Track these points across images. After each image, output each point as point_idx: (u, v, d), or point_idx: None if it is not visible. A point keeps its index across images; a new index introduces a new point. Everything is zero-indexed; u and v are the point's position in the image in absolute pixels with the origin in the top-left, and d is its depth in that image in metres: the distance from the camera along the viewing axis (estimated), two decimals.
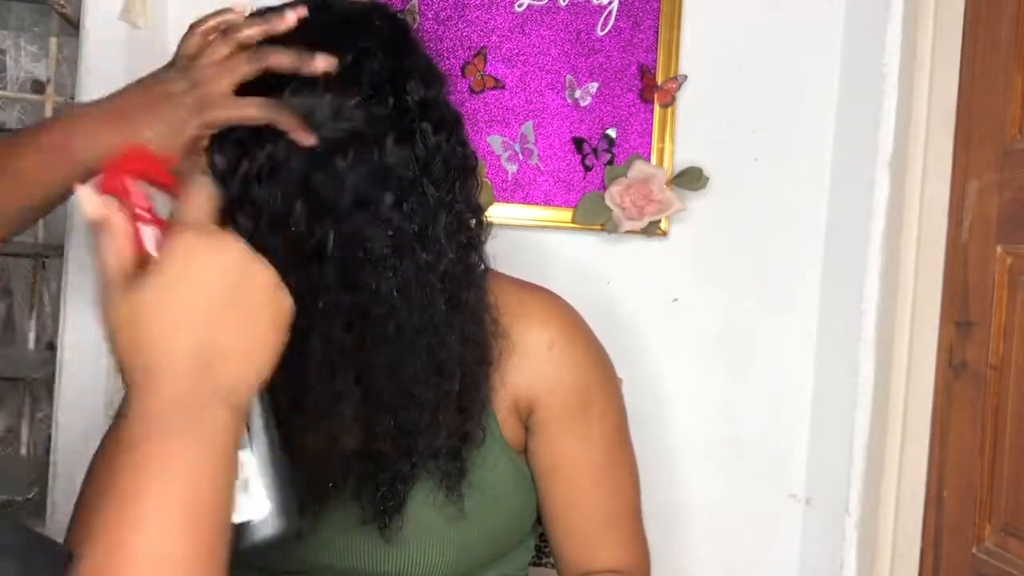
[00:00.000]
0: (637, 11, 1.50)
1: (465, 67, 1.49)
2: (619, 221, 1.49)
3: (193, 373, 0.59)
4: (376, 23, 0.85)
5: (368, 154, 0.80)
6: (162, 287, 0.59)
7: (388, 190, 0.81)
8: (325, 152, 0.79)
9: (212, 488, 0.58)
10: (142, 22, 1.39)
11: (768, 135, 1.53)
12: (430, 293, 0.83)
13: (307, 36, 0.81)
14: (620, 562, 0.96)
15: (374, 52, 0.82)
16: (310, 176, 0.79)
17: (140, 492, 0.56)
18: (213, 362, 0.59)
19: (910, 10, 1.36)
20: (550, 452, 0.95)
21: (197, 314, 0.59)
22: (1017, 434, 1.20)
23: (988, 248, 1.27)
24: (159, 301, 0.59)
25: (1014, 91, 1.25)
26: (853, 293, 1.42)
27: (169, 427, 0.57)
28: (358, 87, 0.80)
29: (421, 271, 0.82)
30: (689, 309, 1.54)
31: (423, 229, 0.82)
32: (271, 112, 0.78)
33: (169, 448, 0.57)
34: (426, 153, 0.83)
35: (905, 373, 1.38)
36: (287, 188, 0.79)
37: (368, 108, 0.80)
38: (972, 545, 1.26)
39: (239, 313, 0.61)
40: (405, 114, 0.82)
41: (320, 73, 0.78)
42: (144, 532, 0.55)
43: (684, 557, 1.54)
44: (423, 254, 0.82)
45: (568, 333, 0.96)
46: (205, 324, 0.59)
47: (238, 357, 0.61)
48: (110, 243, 0.61)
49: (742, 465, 1.54)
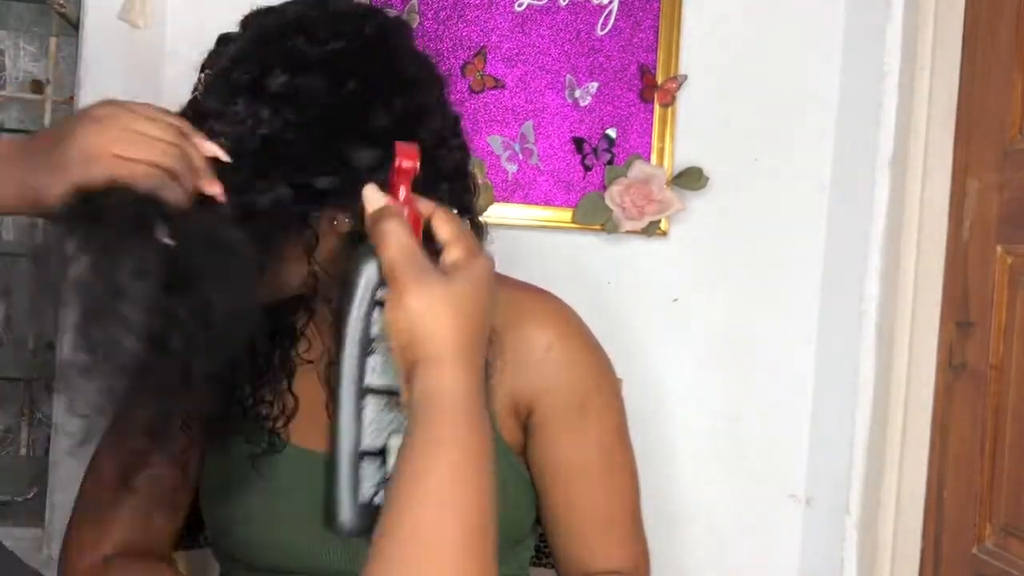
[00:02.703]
0: (637, 11, 1.50)
1: (465, 67, 1.49)
2: (619, 221, 1.48)
3: (476, 364, 0.65)
4: (365, 28, 0.85)
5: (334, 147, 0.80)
6: (472, 288, 0.65)
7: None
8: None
9: (490, 465, 0.63)
10: (141, 22, 1.39)
11: (768, 135, 1.53)
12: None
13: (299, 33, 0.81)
14: (620, 562, 0.96)
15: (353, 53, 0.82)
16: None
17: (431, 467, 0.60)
18: (481, 357, 0.66)
19: (910, 10, 1.36)
20: (549, 453, 0.95)
21: (486, 311, 0.66)
22: (1017, 434, 1.20)
23: (988, 248, 1.27)
24: (471, 299, 0.65)
25: (1014, 91, 1.25)
26: (853, 293, 1.42)
27: (470, 420, 0.63)
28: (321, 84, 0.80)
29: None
30: (689, 309, 1.54)
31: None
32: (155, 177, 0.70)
33: (460, 428, 0.62)
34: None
35: (905, 373, 1.38)
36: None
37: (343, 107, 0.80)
38: (972, 545, 1.26)
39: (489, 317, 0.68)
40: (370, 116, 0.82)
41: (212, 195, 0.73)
42: (434, 506, 0.60)
43: (684, 557, 1.54)
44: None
45: (566, 334, 0.96)
46: (487, 332, 0.67)
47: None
48: (403, 226, 0.66)
49: (742, 465, 1.54)
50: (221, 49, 0.86)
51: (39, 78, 1.79)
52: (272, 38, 0.82)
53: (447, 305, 0.63)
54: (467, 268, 0.66)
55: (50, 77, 1.77)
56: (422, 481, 0.60)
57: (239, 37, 0.86)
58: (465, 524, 0.60)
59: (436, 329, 0.63)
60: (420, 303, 0.63)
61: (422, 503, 0.60)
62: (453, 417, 0.62)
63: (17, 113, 1.80)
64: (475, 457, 0.62)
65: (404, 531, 0.59)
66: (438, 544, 0.59)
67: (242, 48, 0.83)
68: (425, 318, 0.63)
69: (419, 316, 0.63)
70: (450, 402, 0.62)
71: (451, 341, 0.63)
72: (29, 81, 1.79)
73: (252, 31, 0.85)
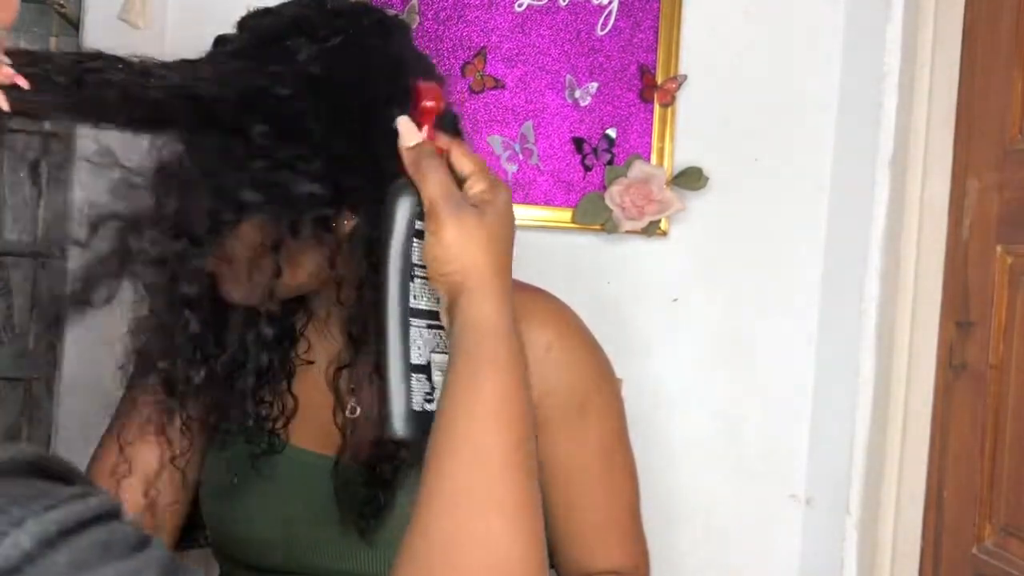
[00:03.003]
0: (637, 11, 1.50)
1: (465, 67, 1.49)
2: (619, 221, 1.48)
3: (508, 290, 0.71)
4: (363, 22, 0.85)
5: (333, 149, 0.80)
6: (499, 219, 0.71)
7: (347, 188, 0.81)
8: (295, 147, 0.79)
9: (527, 383, 0.69)
10: (141, 22, 1.39)
11: (768, 135, 1.53)
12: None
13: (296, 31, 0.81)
14: (619, 563, 0.96)
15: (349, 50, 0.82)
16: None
17: (479, 385, 0.66)
18: (510, 283, 0.72)
19: (910, 10, 1.36)
20: (549, 454, 0.95)
21: (511, 240, 0.72)
22: (1017, 434, 1.20)
23: (988, 248, 1.27)
24: (500, 230, 0.71)
25: (1014, 91, 1.25)
26: (853, 293, 1.42)
27: (508, 343, 0.68)
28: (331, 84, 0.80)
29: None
30: (689, 309, 1.54)
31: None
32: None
33: (501, 350, 0.68)
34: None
35: (905, 373, 1.38)
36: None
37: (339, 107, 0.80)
38: (972, 545, 1.26)
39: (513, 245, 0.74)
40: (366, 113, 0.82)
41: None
42: (482, 418, 0.66)
43: (684, 557, 1.54)
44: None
45: (566, 335, 0.96)
46: (511, 249, 0.73)
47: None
48: (440, 164, 0.72)
49: (742, 465, 1.54)
50: (220, 49, 0.86)
51: None
52: (270, 39, 0.82)
53: (482, 238, 0.69)
54: (494, 201, 0.71)
55: None
56: (472, 396, 0.66)
57: (236, 38, 0.85)
58: (510, 436, 0.65)
59: (475, 261, 0.69)
60: (460, 237, 0.69)
61: (472, 416, 0.66)
62: (495, 341, 0.68)
63: None
64: (515, 376, 0.68)
65: (456, 442, 0.65)
66: (486, 452, 0.64)
67: (240, 49, 0.83)
68: (465, 251, 0.69)
69: (460, 249, 0.69)
70: (492, 327, 0.68)
71: (488, 272, 0.69)
72: None
73: (250, 32, 0.85)
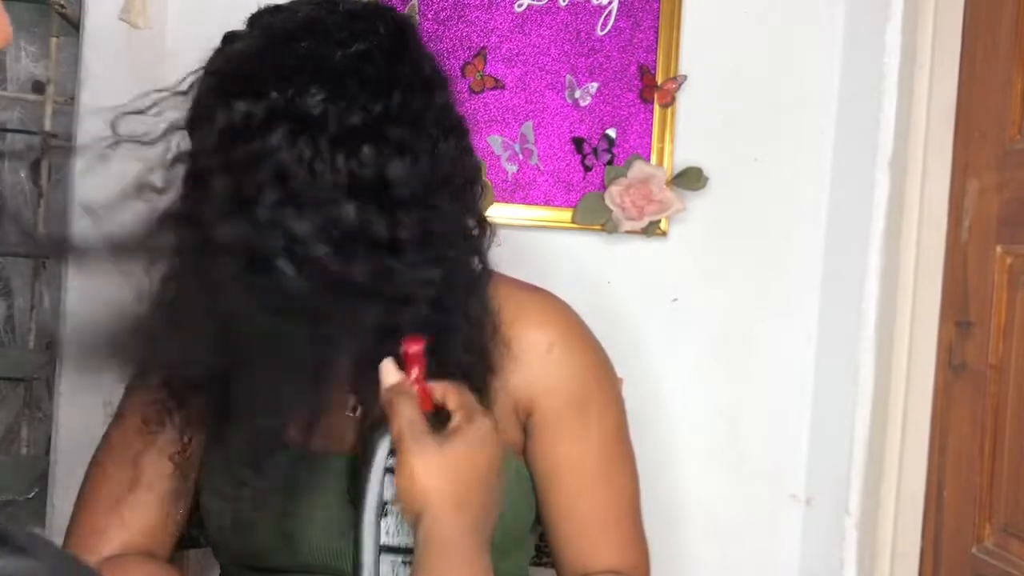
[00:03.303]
0: (637, 11, 1.50)
1: (465, 67, 1.49)
2: (619, 221, 1.48)
3: (481, 517, 0.77)
4: (379, 27, 0.84)
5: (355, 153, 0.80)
6: (465, 447, 0.76)
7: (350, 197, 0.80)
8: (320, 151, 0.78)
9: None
10: (142, 22, 1.39)
11: (768, 135, 1.53)
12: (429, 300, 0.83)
13: (312, 34, 0.81)
14: (619, 562, 0.96)
15: (374, 55, 0.82)
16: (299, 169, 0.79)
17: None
18: (488, 513, 0.78)
19: (910, 10, 1.36)
20: (549, 453, 0.95)
21: (485, 474, 0.78)
22: (1017, 434, 1.20)
23: (988, 248, 1.27)
24: (463, 458, 0.76)
25: (1014, 91, 1.25)
26: (853, 293, 1.42)
27: (462, 555, 0.74)
28: (356, 90, 0.80)
29: (419, 277, 0.82)
30: (689, 309, 1.54)
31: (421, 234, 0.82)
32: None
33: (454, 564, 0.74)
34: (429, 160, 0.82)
35: (905, 373, 1.38)
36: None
37: (366, 110, 0.80)
38: (972, 545, 1.26)
39: (497, 483, 0.80)
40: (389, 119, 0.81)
41: None
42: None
43: (684, 557, 1.54)
44: (411, 256, 0.82)
45: (567, 335, 0.96)
46: (487, 484, 0.78)
47: (494, 514, 0.80)
48: (410, 401, 0.78)
49: (742, 465, 1.54)
50: (227, 48, 0.85)
51: (39, 78, 1.79)
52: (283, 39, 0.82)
53: (441, 466, 0.75)
54: (463, 431, 0.77)
55: (50, 77, 1.77)
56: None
57: (246, 36, 0.85)
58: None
59: (432, 485, 0.75)
60: (418, 465, 0.75)
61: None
62: (448, 558, 0.74)
63: (17, 113, 1.80)
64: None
65: None
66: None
67: (250, 47, 0.82)
68: (423, 478, 0.75)
69: (418, 476, 0.75)
70: (445, 546, 0.74)
71: (445, 495, 0.75)
72: (30, 81, 1.79)
73: (261, 31, 0.84)
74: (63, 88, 1.76)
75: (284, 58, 0.80)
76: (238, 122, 0.79)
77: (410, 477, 0.75)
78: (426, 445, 0.75)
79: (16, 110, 1.80)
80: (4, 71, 1.79)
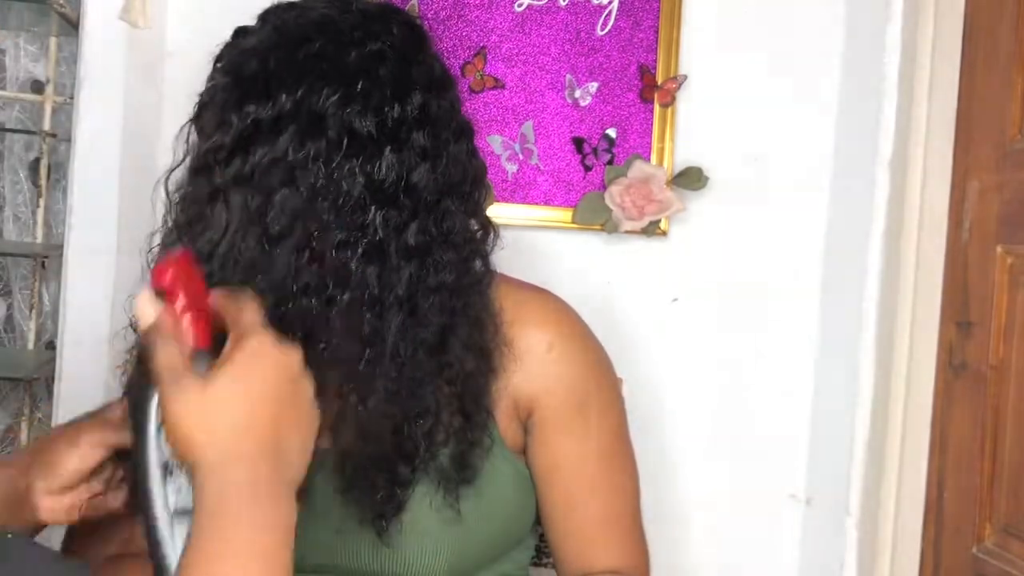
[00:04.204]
0: (637, 11, 1.50)
1: (465, 67, 1.49)
2: (619, 221, 1.48)
3: (263, 458, 0.64)
4: (393, 28, 0.84)
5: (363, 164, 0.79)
6: (232, 384, 0.64)
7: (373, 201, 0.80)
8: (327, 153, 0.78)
9: (286, 563, 0.63)
10: (142, 22, 1.39)
11: (768, 135, 1.53)
12: (433, 300, 0.83)
13: (325, 34, 0.81)
14: (619, 562, 0.96)
15: (388, 56, 0.81)
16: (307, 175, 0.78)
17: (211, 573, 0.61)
18: (280, 451, 0.65)
19: (910, 10, 1.36)
20: (549, 453, 0.95)
21: (264, 409, 0.64)
22: (1017, 434, 1.20)
23: (988, 248, 1.27)
24: (229, 396, 0.63)
25: (1014, 92, 1.25)
26: (853, 293, 1.42)
27: (245, 508, 0.62)
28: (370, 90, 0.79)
29: (423, 278, 0.82)
30: (689, 309, 1.54)
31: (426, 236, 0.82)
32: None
33: (240, 533, 0.62)
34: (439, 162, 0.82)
35: (905, 373, 1.38)
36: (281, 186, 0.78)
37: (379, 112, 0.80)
38: (972, 545, 1.26)
39: (295, 412, 0.66)
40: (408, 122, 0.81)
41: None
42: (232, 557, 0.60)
43: (684, 557, 1.54)
44: (425, 260, 0.82)
45: (567, 334, 0.96)
46: (270, 419, 0.65)
47: (295, 449, 0.67)
48: (167, 341, 0.65)
49: (742, 465, 1.54)
50: (239, 42, 0.84)
51: (39, 78, 1.79)
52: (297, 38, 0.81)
53: (203, 410, 0.63)
54: (231, 363, 0.64)
55: (50, 77, 1.77)
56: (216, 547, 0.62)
57: (258, 31, 0.84)
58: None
59: (194, 435, 0.63)
60: (178, 413, 0.63)
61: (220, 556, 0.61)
62: (222, 517, 0.62)
63: (17, 113, 1.80)
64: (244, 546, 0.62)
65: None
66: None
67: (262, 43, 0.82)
68: (184, 426, 0.63)
69: (180, 425, 0.63)
70: (218, 503, 0.62)
71: (212, 444, 0.63)
72: (30, 81, 1.79)
73: (274, 28, 0.83)
74: (62, 88, 1.76)
75: (297, 57, 0.79)
76: (249, 123, 0.78)
77: (172, 428, 0.64)
78: (184, 387, 0.63)
79: (16, 110, 1.80)
80: (3, 71, 1.79)
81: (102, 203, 1.41)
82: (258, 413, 0.64)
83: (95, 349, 1.39)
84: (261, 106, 0.78)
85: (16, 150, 1.80)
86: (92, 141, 1.41)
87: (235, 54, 0.83)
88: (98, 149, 1.41)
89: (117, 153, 1.41)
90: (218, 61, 0.84)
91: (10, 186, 1.80)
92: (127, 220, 1.42)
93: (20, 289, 1.81)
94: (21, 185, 1.81)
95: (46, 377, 1.64)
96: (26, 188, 1.80)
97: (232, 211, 0.78)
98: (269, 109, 0.78)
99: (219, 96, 0.81)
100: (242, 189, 0.78)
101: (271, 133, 0.78)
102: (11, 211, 1.80)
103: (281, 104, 0.78)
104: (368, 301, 0.80)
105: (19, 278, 1.81)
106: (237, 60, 0.82)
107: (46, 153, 1.75)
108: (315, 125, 0.78)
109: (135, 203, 1.43)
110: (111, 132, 1.41)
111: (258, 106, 0.78)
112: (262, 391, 0.64)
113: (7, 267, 1.81)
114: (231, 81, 0.81)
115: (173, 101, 1.49)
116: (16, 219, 1.80)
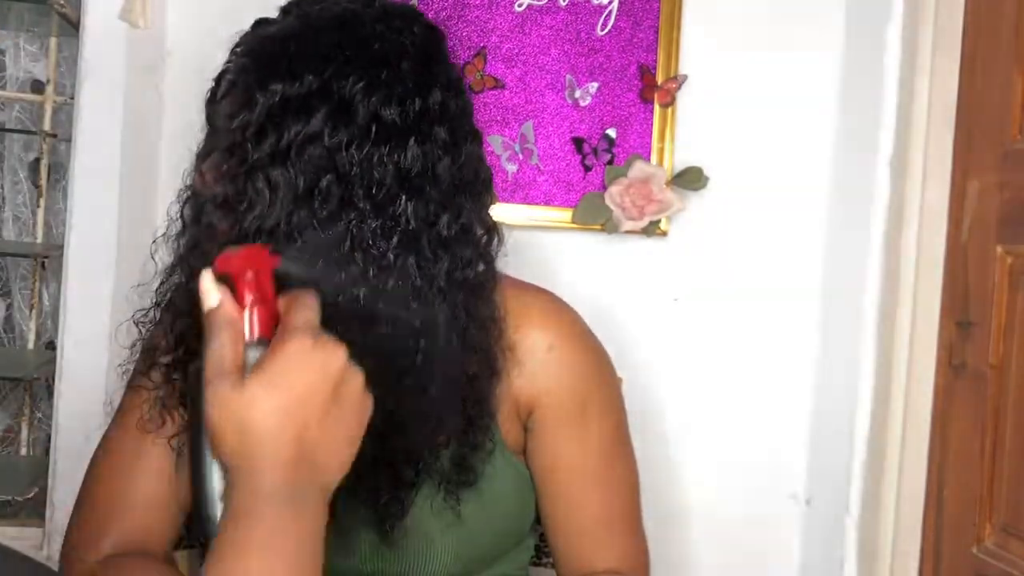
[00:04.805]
0: (637, 11, 1.50)
1: (465, 67, 1.49)
2: (619, 221, 1.48)
3: (294, 464, 0.63)
4: (414, 27, 0.84)
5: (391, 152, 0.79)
6: (262, 389, 0.63)
7: (402, 191, 0.80)
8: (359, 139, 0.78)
9: (312, 566, 0.64)
10: (142, 22, 1.39)
11: (768, 135, 1.53)
12: (436, 302, 0.83)
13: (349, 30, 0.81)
14: (619, 562, 0.96)
15: (410, 52, 0.82)
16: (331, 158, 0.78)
17: (244, 568, 0.61)
18: (314, 456, 0.64)
19: (910, 10, 1.36)
20: (549, 453, 0.95)
21: (302, 410, 0.64)
22: (1017, 434, 1.20)
23: (988, 248, 1.27)
24: (261, 402, 0.63)
25: (1014, 91, 1.25)
26: (853, 293, 1.42)
27: (272, 511, 0.63)
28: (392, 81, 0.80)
29: (427, 279, 0.82)
30: (689, 309, 1.54)
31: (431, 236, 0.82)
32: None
33: (272, 530, 0.62)
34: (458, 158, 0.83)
35: (905, 373, 1.38)
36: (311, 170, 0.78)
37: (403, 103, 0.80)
38: (972, 545, 1.26)
39: (336, 413, 0.66)
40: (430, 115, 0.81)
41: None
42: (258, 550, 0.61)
43: (684, 557, 1.54)
44: (428, 261, 0.82)
45: (567, 335, 0.95)
46: (307, 420, 0.64)
47: (333, 452, 0.66)
48: (224, 330, 0.65)
49: (742, 465, 1.54)
50: (260, 30, 0.84)
51: (39, 78, 1.79)
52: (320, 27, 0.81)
53: (234, 413, 0.63)
54: (269, 363, 0.64)
55: (50, 77, 1.77)
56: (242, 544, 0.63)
57: (280, 21, 0.84)
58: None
59: (226, 436, 0.63)
60: (213, 409, 0.63)
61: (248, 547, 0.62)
62: (244, 529, 0.63)
63: (17, 113, 1.80)
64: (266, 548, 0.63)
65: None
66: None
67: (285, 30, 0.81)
68: (216, 425, 0.63)
69: (213, 423, 0.63)
70: (241, 514, 0.63)
71: (240, 446, 0.63)
72: (30, 81, 1.79)
73: (297, 19, 0.83)
74: (63, 88, 1.76)
75: (321, 43, 0.79)
76: (277, 100, 0.77)
77: (208, 424, 0.63)
78: (223, 386, 0.63)
79: (15, 110, 1.80)
80: (3, 71, 1.79)
81: (102, 203, 1.41)
82: (288, 420, 0.63)
83: (95, 349, 1.39)
84: (287, 84, 0.77)
85: (16, 150, 1.80)
86: (92, 141, 1.41)
87: (255, 40, 0.83)
88: (98, 149, 1.41)
89: (117, 153, 1.41)
90: (237, 47, 0.84)
91: (10, 186, 1.80)
92: (127, 220, 1.42)
93: (20, 289, 1.81)
94: (21, 185, 1.81)
95: (46, 377, 1.64)
96: (26, 188, 1.81)
97: (275, 189, 0.78)
98: (297, 87, 0.77)
99: (240, 78, 0.81)
100: (282, 168, 0.78)
101: (301, 112, 0.77)
102: (11, 211, 1.80)
103: (309, 83, 0.77)
104: (414, 292, 0.80)
105: (19, 278, 1.81)
106: (258, 45, 0.82)
107: (46, 153, 1.76)
108: (344, 110, 0.78)
109: (135, 203, 1.43)
110: (111, 132, 1.41)
111: (284, 84, 0.77)
112: (294, 398, 0.64)
113: (7, 267, 1.81)
114: (251, 62, 0.80)
115: (173, 101, 1.49)
116: (16, 219, 1.81)
